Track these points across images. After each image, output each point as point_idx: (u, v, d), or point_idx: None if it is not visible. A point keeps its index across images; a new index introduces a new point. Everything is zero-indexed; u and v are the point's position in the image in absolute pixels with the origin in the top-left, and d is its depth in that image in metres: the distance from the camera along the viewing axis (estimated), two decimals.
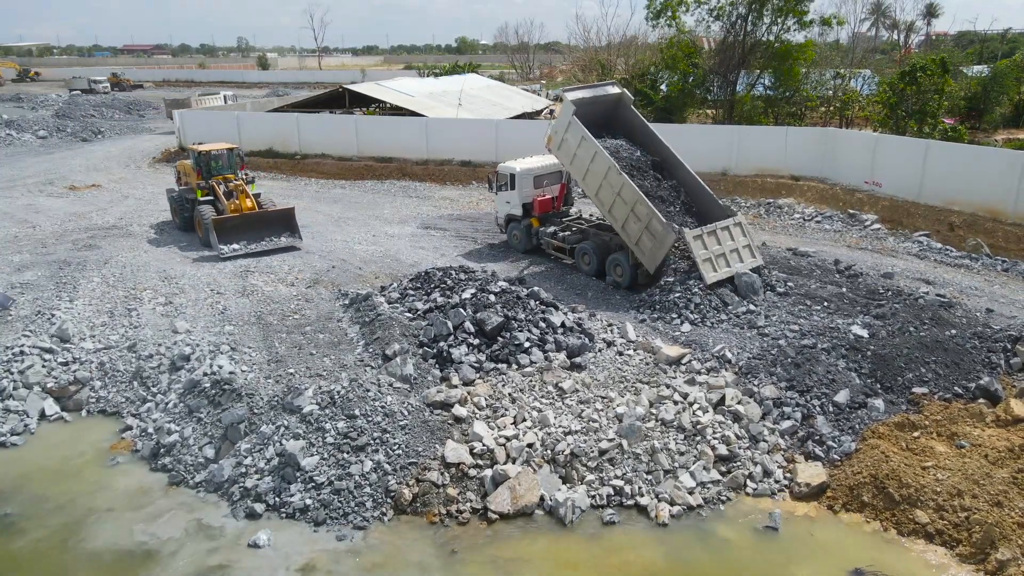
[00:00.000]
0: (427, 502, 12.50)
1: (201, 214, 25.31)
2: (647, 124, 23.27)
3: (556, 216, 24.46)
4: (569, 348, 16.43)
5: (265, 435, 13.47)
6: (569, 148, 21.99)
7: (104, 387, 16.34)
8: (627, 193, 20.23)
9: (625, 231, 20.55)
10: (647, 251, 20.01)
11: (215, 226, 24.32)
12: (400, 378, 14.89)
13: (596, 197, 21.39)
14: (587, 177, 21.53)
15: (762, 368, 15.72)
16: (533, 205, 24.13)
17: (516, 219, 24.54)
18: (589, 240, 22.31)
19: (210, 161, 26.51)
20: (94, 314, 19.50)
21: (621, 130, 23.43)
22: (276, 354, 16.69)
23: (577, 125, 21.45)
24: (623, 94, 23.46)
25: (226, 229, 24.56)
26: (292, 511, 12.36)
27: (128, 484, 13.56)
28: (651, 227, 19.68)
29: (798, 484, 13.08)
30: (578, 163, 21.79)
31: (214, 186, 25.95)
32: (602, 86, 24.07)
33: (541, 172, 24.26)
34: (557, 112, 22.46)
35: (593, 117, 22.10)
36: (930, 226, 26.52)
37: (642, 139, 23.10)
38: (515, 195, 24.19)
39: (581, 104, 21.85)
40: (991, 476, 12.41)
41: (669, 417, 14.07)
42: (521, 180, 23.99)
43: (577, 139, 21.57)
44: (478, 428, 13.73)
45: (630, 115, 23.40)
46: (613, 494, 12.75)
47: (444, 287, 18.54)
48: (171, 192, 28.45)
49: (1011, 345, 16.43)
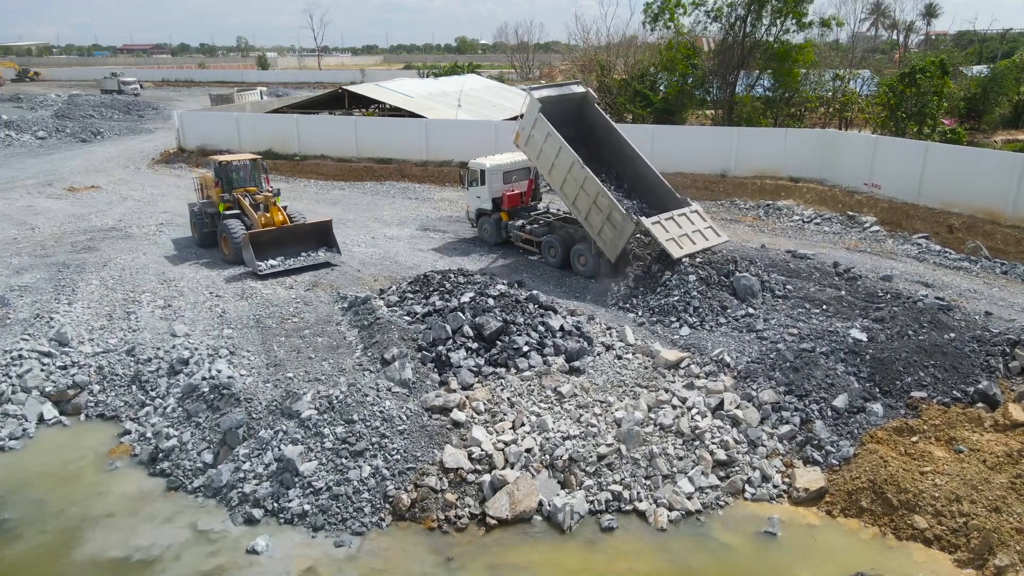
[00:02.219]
0: (425, 507, 12.48)
1: (230, 229, 23.43)
2: (610, 122, 24.48)
3: (525, 210, 25.60)
4: (568, 352, 16.43)
5: (263, 440, 13.46)
6: (536, 144, 22.97)
7: (103, 391, 16.31)
8: (589, 186, 21.25)
9: (588, 222, 21.53)
10: (608, 241, 21.05)
11: (250, 241, 22.38)
12: (398, 382, 14.89)
13: (561, 190, 22.37)
14: (552, 171, 22.57)
15: (761, 372, 15.72)
16: (502, 200, 25.31)
17: (486, 213, 25.70)
18: (555, 233, 23.54)
19: (231, 173, 25.04)
20: (93, 317, 19.49)
21: (586, 127, 24.51)
22: (275, 358, 16.68)
23: (543, 122, 22.40)
24: (587, 93, 24.75)
25: (260, 244, 22.72)
26: (290, 516, 12.34)
27: (126, 489, 13.54)
28: (612, 218, 20.70)
29: (796, 489, 13.07)
30: (544, 158, 22.82)
31: (239, 199, 24.37)
32: (567, 85, 25.35)
33: (510, 168, 25.44)
34: (524, 108, 23.49)
35: (560, 115, 23.05)
36: (929, 228, 26.53)
37: (606, 136, 24.33)
38: (485, 190, 25.37)
39: (547, 102, 22.89)
40: (989, 481, 12.41)
41: (667, 422, 14.07)
42: (491, 176, 25.14)
43: (543, 135, 22.52)
44: (477, 433, 13.72)
45: (594, 113, 24.58)
46: (612, 499, 12.74)
47: (443, 290, 18.55)
48: (193, 206, 26.55)
49: (1010, 349, 16.40)
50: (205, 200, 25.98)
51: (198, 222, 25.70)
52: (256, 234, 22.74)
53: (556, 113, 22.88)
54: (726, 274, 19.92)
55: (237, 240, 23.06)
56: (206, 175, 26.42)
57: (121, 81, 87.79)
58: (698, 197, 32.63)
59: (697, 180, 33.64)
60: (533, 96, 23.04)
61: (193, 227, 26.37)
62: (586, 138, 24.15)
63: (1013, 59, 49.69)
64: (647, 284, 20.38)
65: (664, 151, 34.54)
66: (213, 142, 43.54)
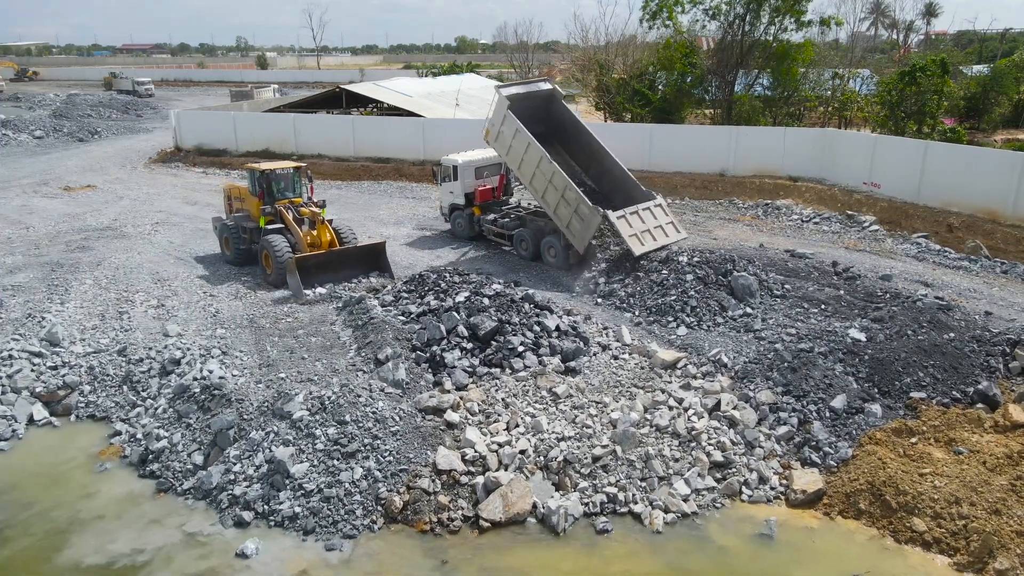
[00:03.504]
0: (418, 510, 12.32)
1: (274, 249, 20.82)
2: (577, 118, 25.43)
3: (497, 205, 26.18)
4: (563, 352, 16.26)
5: (254, 441, 13.30)
6: (505, 140, 23.51)
7: (93, 392, 16.16)
8: (557, 180, 21.85)
9: (557, 215, 22.14)
10: (576, 233, 21.64)
11: (296, 266, 20.26)
12: (392, 383, 14.72)
13: (531, 185, 22.95)
14: (522, 166, 23.12)
15: (758, 373, 15.56)
16: (475, 195, 25.77)
17: (459, 208, 26.13)
18: (526, 226, 24.12)
19: (271, 183, 22.42)
20: (85, 317, 19.33)
21: (554, 124, 25.15)
22: (267, 358, 16.51)
23: (511, 118, 22.96)
24: (554, 90, 25.53)
25: (306, 268, 20.57)
26: (281, 519, 12.18)
27: (116, 491, 13.38)
28: (579, 210, 21.30)
29: (794, 491, 12.90)
30: (513, 154, 23.38)
31: (282, 212, 21.90)
32: (535, 82, 26.15)
33: (482, 164, 25.91)
34: (492, 106, 24.01)
35: (528, 112, 23.62)
36: (929, 227, 26.35)
37: (573, 132, 25.07)
38: (458, 185, 25.80)
39: (515, 99, 23.56)
40: (989, 483, 12.25)
41: (664, 423, 13.90)
42: (463, 171, 25.58)
43: (512, 131, 23.06)
44: (470, 434, 13.55)
45: (562, 110, 25.39)
46: (607, 501, 12.58)
47: (438, 290, 18.38)
48: (219, 220, 24.25)
49: (1010, 349, 16.25)
50: (239, 213, 23.44)
51: (234, 237, 23.06)
52: (303, 258, 20.56)
53: (524, 110, 23.45)
54: (724, 273, 19.74)
55: (282, 260, 20.61)
56: (237, 186, 24.43)
57: (135, 81, 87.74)
58: (696, 196, 32.61)
59: (695, 179, 33.48)
60: (501, 94, 23.61)
61: (225, 243, 23.76)
62: (554, 134, 24.68)
63: (1013, 58, 49.53)
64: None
65: (662, 150, 34.46)
66: (210, 142, 43.44)
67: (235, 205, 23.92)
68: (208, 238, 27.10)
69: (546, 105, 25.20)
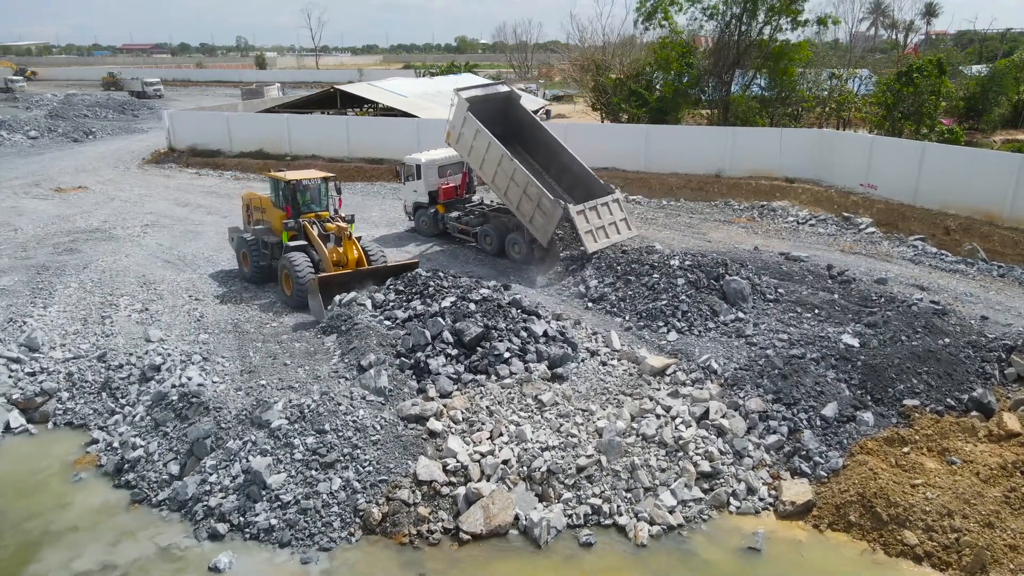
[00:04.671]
0: (397, 522, 12.02)
1: (295, 267, 19.15)
2: (535, 118, 26.54)
3: (460, 202, 26.72)
4: (551, 358, 15.95)
5: (231, 451, 12.99)
6: (466, 141, 24.08)
7: (72, 398, 15.86)
8: (519, 177, 22.42)
9: (520, 211, 22.73)
10: (539, 227, 22.22)
11: (319, 286, 18.61)
12: (374, 391, 14.41)
13: (493, 183, 23.52)
14: (484, 165, 23.67)
15: (748, 379, 15.24)
16: (438, 193, 26.28)
17: (423, 206, 26.69)
18: (490, 223, 24.73)
19: (297, 193, 20.59)
20: (67, 321, 19.05)
21: (513, 125, 25.85)
22: (249, 364, 16.23)
23: (472, 120, 23.57)
24: (512, 92, 26.55)
25: (330, 288, 18.87)
26: (256, 532, 11.86)
27: (90, 501, 13.08)
28: (541, 204, 21.87)
29: (783, 502, 12.60)
30: (475, 154, 23.95)
31: (306, 226, 20.22)
32: (493, 85, 27.10)
33: (445, 162, 26.40)
34: (453, 109, 24.49)
35: (487, 114, 24.27)
36: (926, 230, 26.04)
37: (532, 132, 25.94)
38: (421, 184, 26.34)
39: (474, 102, 24.21)
40: (982, 495, 11.94)
41: (650, 432, 13.60)
42: (427, 170, 26.09)
43: (472, 132, 23.68)
44: (452, 443, 13.25)
45: (520, 111, 26.29)
46: (591, 513, 12.28)
47: (426, 293, 18.04)
48: (236, 232, 22.44)
49: (1006, 355, 15.95)
50: (259, 225, 21.78)
51: (253, 253, 21.20)
52: (327, 279, 18.85)
53: (483, 112, 24.08)
54: (716, 277, 19.44)
55: (303, 282, 18.97)
56: (254, 194, 22.89)
57: (144, 82, 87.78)
58: (692, 198, 32.32)
59: (691, 180, 33.18)
60: (461, 96, 24.10)
61: (243, 258, 21.83)
62: (513, 135, 25.21)
63: (1012, 58, 49.16)
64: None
65: (658, 151, 34.20)
66: (204, 142, 43.18)
67: (255, 216, 22.21)
68: (197, 240, 26.89)
69: (504, 107, 25.96)
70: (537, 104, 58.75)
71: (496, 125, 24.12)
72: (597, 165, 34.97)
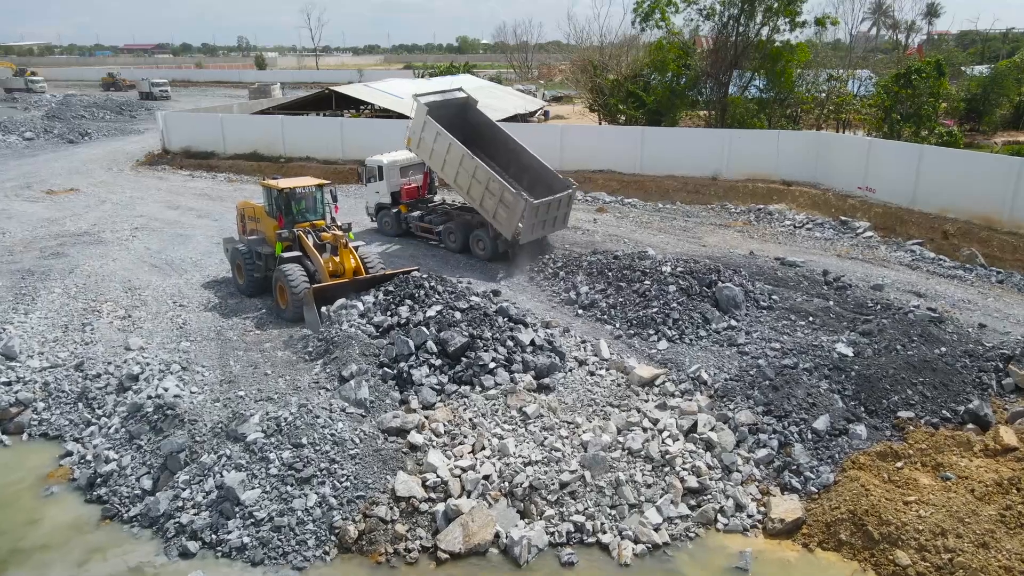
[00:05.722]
0: (373, 540, 11.67)
1: (288, 279, 18.42)
2: (493, 121, 27.20)
3: (421, 202, 27.27)
4: (537, 368, 15.59)
5: (205, 465, 12.64)
6: (427, 145, 24.63)
7: (47, 409, 15.50)
8: (481, 174, 23.01)
9: (483, 207, 23.23)
10: (503, 221, 22.74)
11: (314, 296, 17.94)
12: (354, 402, 14.06)
13: (455, 183, 24.02)
14: (445, 167, 24.21)
15: (739, 391, 14.88)
16: (400, 193, 26.89)
17: (385, 207, 27.09)
18: (453, 221, 25.34)
19: (291, 202, 19.90)
20: (48, 329, 18.72)
21: (470, 129, 26.28)
22: (230, 374, 15.90)
23: (432, 123, 24.18)
24: (468, 97, 27.18)
25: (327, 300, 18.18)
26: (228, 550, 11.50)
27: (61, 517, 12.72)
28: (504, 199, 22.41)
29: (772, 520, 12.22)
30: (436, 156, 24.51)
31: (301, 237, 19.50)
32: (451, 91, 27.46)
33: (406, 163, 26.91)
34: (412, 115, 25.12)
35: (445, 119, 24.86)
36: (924, 234, 25.65)
37: (491, 134, 26.56)
38: (383, 185, 26.83)
39: (433, 107, 24.97)
40: (977, 513, 11.56)
41: (636, 446, 13.22)
42: (388, 171, 26.60)
43: (433, 135, 24.22)
44: (433, 458, 12.90)
45: (477, 115, 26.99)
46: (573, 531, 11.90)
47: (417, 297, 17.57)
48: (231, 242, 21.70)
49: (1003, 365, 15.61)
50: (253, 236, 21.02)
51: (247, 264, 20.39)
52: (321, 289, 18.17)
53: (442, 117, 24.76)
54: (708, 284, 19.08)
55: (298, 294, 18.31)
56: (248, 203, 21.96)
57: (152, 83, 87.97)
58: (688, 201, 31.94)
59: (687, 183, 32.80)
60: (420, 102, 24.80)
61: (237, 270, 21.07)
62: (472, 139, 25.53)
63: (1014, 59, 48.70)
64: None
65: (654, 153, 33.84)
66: (198, 144, 42.87)
67: (249, 225, 21.59)
68: (186, 244, 26.56)
69: (462, 112, 26.60)
70: (536, 105, 58.43)
71: (455, 130, 24.60)
72: (592, 167, 34.83)
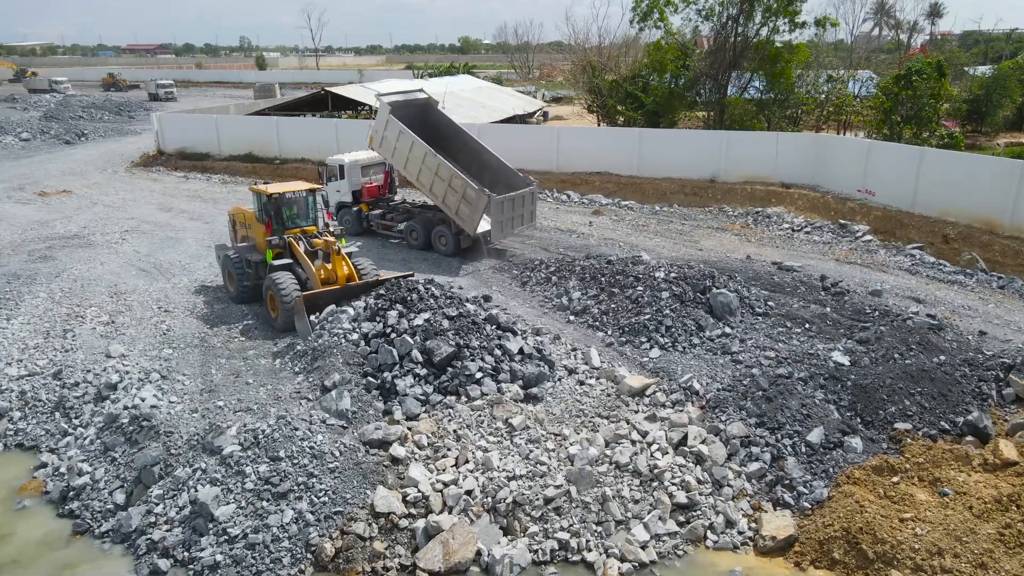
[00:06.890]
0: (351, 558, 11.29)
1: (279, 287, 17.96)
2: (453, 122, 27.70)
3: (383, 201, 27.55)
4: (525, 378, 15.21)
5: (180, 479, 12.28)
6: (389, 143, 25.08)
7: (24, 418, 15.15)
8: (443, 171, 23.56)
9: (445, 204, 23.75)
10: (466, 217, 23.23)
11: (305, 304, 17.40)
12: (335, 413, 13.69)
13: (418, 180, 24.53)
14: (408, 165, 24.67)
15: (731, 402, 14.47)
16: (362, 192, 27.13)
17: (347, 206, 27.19)
18: (415, 218, 25.83)
19: (281, 208, 19.32)
20: (29, 335, 18.39)
21: (431, 129, 26.63)
22: (210, 382, 15.53)
23: (394, 122, 24.67)
24: (430, 98, 27.83)
25: (318, 307, 17.62)
26: (201, 568, 11.11)
27: (32, 532, 12.37)
28: (466, 195, 22.90)
29: (763, 537, 11.82)
30: (399, 155, 24.95)
31: (292, 243, 19.07)
32: (412, 92, 28.15)
33: (367, 162, 27.18)
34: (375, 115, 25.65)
35: (407, 119, 25.31)
36: (924, 238, 25.22)
37: (452, 134, 27.09)
38: (345, 184, 26.95)
39: (396, 106, 25.49)
40: (975, 532, 11.17)
41: (624, 460, 12.83)
42: (350, 170, 26.81)
43: (395, 134, 24.69)
44: (414, 472, 12.52)
45: (438, 115, 27.64)
46: (558, 548, 11.52)
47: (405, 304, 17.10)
48: (223, 250, 21.09)
49: (1004, 374, 15.18)
50: (244, 243, 20.73)
51: (237, 272, 19.92)
52: (313, 296, 17.63)
53: (404, 117, 25.18)
54: (702, 290, 18.68)
55: (288, 302, 17.80)
56: (240, 209, 21.37)
57: (157, 84, 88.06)
58: (686, 203, 31.55)
59: (685, 185, 32.40)
60: (383, 102, 25.25)
61: (228, 278, 20.62)
62: (433, 139, 25.75)
63: (1017, 60, 48.23)
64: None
65: (651, 155, 33.45)
66: (192, 145, 42.59)
67: (240, 232, 21.14)
68: (176, 247, 26.25)
69: (423, 113, 27.10)
70: (535, 106, 58.04)
71: (416, 129, 24.91)
72: (588, 169, 34.46)
